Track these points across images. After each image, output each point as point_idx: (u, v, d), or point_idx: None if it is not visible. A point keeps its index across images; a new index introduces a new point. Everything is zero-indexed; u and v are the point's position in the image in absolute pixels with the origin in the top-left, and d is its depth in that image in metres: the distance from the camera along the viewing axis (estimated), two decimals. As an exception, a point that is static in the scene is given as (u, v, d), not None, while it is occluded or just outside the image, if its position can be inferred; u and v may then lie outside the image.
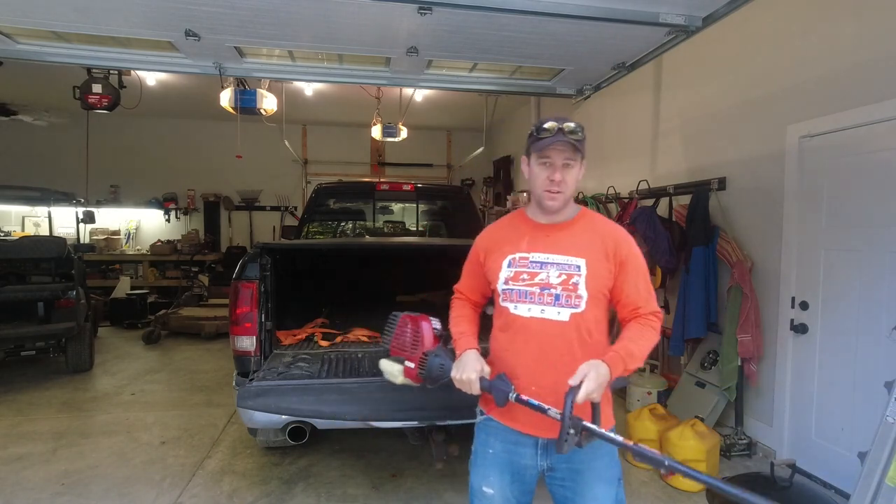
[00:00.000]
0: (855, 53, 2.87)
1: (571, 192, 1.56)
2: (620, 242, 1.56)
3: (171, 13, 2.90)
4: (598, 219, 1.65)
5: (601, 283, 1.53)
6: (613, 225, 1.64)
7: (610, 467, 1.60)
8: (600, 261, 1.53)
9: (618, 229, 1.61)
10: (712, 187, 3.83)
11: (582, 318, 1.52)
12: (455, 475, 3.14)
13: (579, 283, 1.51)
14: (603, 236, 1.56)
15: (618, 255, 1.54)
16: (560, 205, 1.55)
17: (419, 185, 5.67)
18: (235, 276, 2.64)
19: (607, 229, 1.59)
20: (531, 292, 1.54)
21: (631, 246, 1.58)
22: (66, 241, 5.48)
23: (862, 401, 2.85)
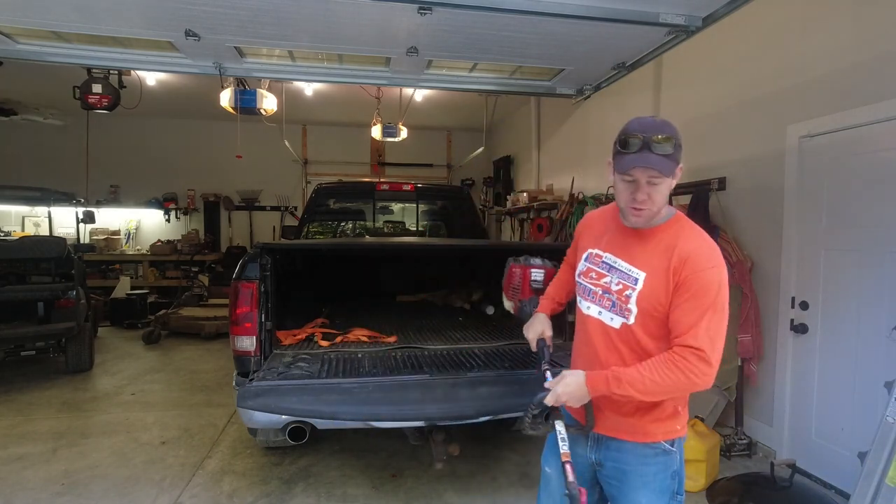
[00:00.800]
0: (855, 53, 2.87)
1: (660, 205, 1.41)
2: (690, 262, 1.37)
3: (171, 13, 2.90)
4: (689, 232, 1.45)
5: (656, 300, 1.41)
6: (704, 243, 1.42)
7: (660, 477, 1.52)
8: (660, 277, 1.41)
9: (699, 246, 1.40)
10: (712, 187, 3.83)
11: (631, 330, 1.47)
12: (455, 475, 3.14)
13: (631, 297, 1.45)
14: (678, 253, 1.39)
15: (679, 273, 1.38)
16: (644, 221, 1.44)
17: (419, 185, 5.68)
18: (235, 276, 2.64)
19: (690, 246, 1.40)
20: (594, 291, 1.55)
21: (700, 270, 1.36)
22: (66, 241, 5.47)
23: (862, 401, 2.85)
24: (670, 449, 1.52)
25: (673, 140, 1.35)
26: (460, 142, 10.08)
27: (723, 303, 1.37)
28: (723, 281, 1.38)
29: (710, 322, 1.34)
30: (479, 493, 2.96)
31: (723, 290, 1.37)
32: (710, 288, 1.35)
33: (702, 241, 1.43)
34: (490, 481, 3.09)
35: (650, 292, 1.42)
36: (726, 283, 1.39)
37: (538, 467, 1.79)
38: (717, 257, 1.40)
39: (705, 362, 1.32)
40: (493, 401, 2.42)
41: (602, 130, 5.72)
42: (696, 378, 1.33)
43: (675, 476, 1.54)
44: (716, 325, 1.35)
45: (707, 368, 1.32)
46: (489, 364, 2.72)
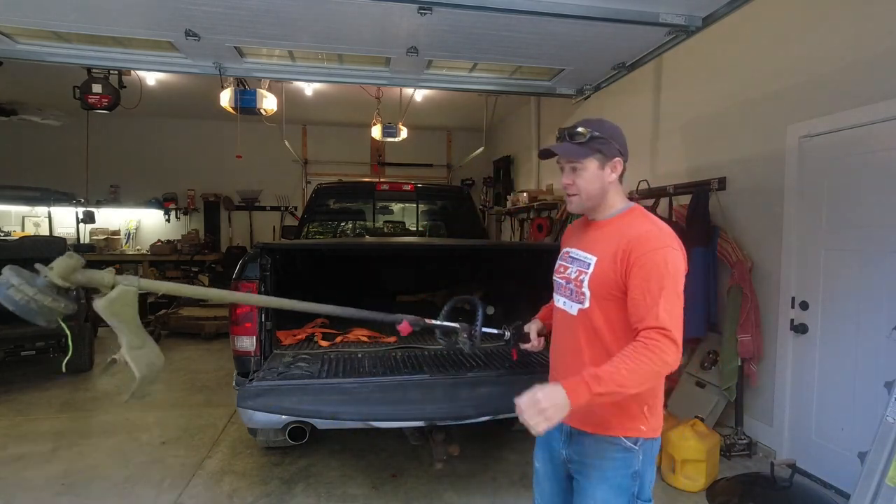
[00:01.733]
0: (855, 53, 2.87)
1: (588, 192, 1.53)
2: (637, 244, 1.42)
3: (171, 13, 2.90)
4: (639, 220, 1.51)
5: (606, 282, 1.46)
6: (651, 228, 1.46)
7: (619, 474, 1.51)
8: (609, 259, 1.46)
9: (649, 232, 1.44)
10: (712, 187, 3.83)
11: (587, 315, 1.51)
12: (455, 475, 3.14)
13: (584, 281, 1.51)
14: (626, 237, 1.45)
15: (629, 256, 1.42)
16: (576, 207, 1.58)
17: (419, 185, 5.68)
18: (235, 277, 2.64)
19: (636, 231, 1.45)
20: (560, 284, 1.64)
21: (649, 251, 1.40)
22: (66, 241, 5.48)
23: (862, 401, 2.85)
24: (631, 447, 1.51)
25: (587, 131, 1.49)
26: (460, 142, 10.08)
27: (675, 283, 1.38)
28: (673, 260, 1.40)
29: (667, 302, 1.36)
30: (479, 493, 2.97)
31: (674, 269, 1.39)
32: (660, 267, 1.38)
33: (651, 225, 1.48)
34: (490, 481, 3.09)
35: (600, 273, 1.49)
36: (678, 264, 1.41)
37: (538, 467, 1.82)
38: (667, 239, 1.43)
39: (671, 340, 1.33)
40: (493, 401, 2.42)
41: (602, 130, 5.71)
42: (666, 356, 1.32)
43: (635, 477, 1.52)
44: (672, 305, 1.37)
45: (674, 346, 1.33)
46: (489, 364, 2.72)
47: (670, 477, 3.07)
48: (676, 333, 1.35)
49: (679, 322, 1.37)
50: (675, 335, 1.34)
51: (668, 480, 3.09)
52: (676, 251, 1.43)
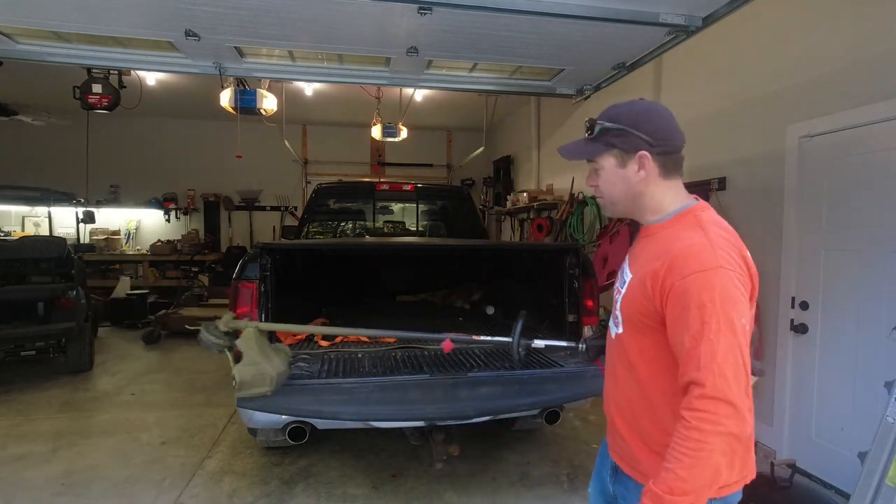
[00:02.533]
0: (855, 53, 2.87)
1: (612, 194, 1.29)
2: (674, 266, 1.10)
3: (171, 13, 2.90)
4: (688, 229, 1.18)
5: (637, 309, 1.20)
6: (699, 241, 1.13)
7: None
8: (642, 279, 1.18)
9: (692, 245, 1.12)
10: (712, 187, 3.83)
11: (621, 340, 1.28)
12: (455, 475, 3.14)
13: (618, 301, 1.28)
14: (666, 252, 1.14)
15: (665, 284, 1.11)
16: (606, 207, 1.36)
17: (419, 185, 5.68)
18: (235, 277, 2.64)
19: (679, 245, 1.14)
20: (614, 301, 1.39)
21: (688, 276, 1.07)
22: (66, 241, 5.48)
23: (862, 401, 2.85)
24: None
25: (597, 124, 1.30)
26: (460, 142, 10.08)
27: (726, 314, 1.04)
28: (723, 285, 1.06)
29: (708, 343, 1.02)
30: (478, 493, 2.97)
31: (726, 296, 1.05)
32: (703, 296, 1.05)
33: (702, 238, 1.13)
34: (490, 481, 3.09)
35: (630, 295, 1.23)
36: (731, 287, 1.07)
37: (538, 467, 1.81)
38: (717, 257, 1.09)
39: (713, 398, 1.00)
40: (493, 401, 2.42)
41: (602, 130, 5.71)
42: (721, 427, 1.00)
43: None
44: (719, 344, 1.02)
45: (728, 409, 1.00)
46: (489, 364, 2.72)
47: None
48: (731, 390, 1.01)
49: (735, 370, 1.02)
50: (728, 393, 1.00)
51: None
52: (728, 272, 1.07)
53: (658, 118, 1.26)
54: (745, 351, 1.05)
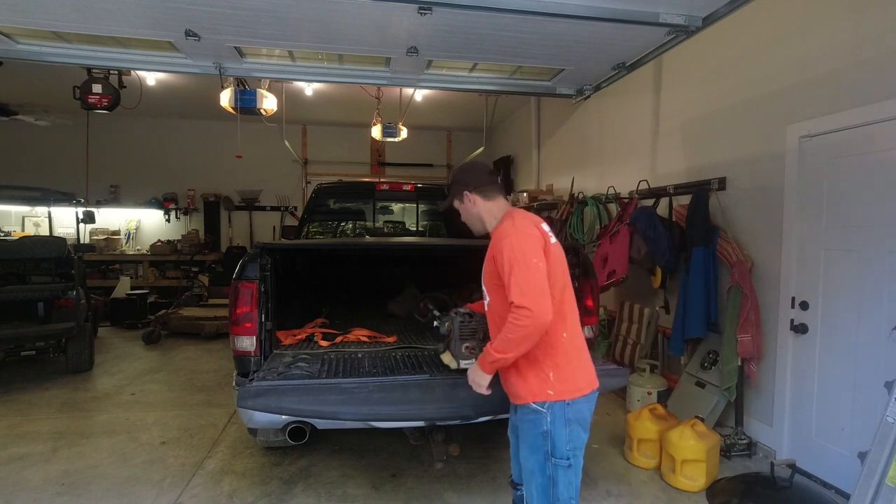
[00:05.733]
0: (855, 53, 2.87)
1: (472, 221, 2.07)
2: (495, 241, 1.87)
3: (171, 13, 2.90)
4: (502, 223, 1.94)
5: (491, 276, 1.90)
6: (506, 224, 1.89)
7: (531, 434, 1.83)
8: (489, 259, 1.90)
9: (503, 229, 1.87)
10: (712, 187, 3.84)
11: (490, 305, 1.96)
12: (455, 475, 3.14)
13: (482, 280, 1.98)
14: (493, 237, 1.92)
15: (492, 252, 1.86)
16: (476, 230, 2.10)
17: (419, 185, 5.67)
18: (235, 276, 2.64)
19: (497, 231, 1.92)
20: None
21: (497, 242, 1.83)
22: (67, 242, 5.48)
23: (862, 401, 2.85)
24: (539, 409, 1.81)
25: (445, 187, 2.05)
26: (460, 142, 10.08)
27: (521, 258, 1.74)
28: (513, 244, 1.77)
29: (514, 277, 1.72)
30: (479, 493, 2.97)
31: (515, 249, 1.75)
32: (504, 252, 1.77)
33: (508, 222, 1.89)
34: (490, 481, 3.09)
35: (486, 271, 1.94)
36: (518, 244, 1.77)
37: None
38: (510, 230, 1.83)
39: (519, 307, 1.68)
40: (493, 401, 2.41)
41: (602, 130, 5.72)
42: (520, 322, 1.68)
43: (545, 436, 1.80)
44: (518, 276, 1.72)
45: (524, 311, 1.67)
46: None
47: (670, 477, 3.07)
48: (524, 299, 1.68)
49: (527, 289, 1.69)
50: (522, 301, 1.68)
51: (668, 480, 3.09)
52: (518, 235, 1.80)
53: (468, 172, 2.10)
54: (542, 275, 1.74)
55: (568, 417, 1.79)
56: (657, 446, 3.23)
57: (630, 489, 3.05)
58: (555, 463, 1.79)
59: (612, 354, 4.89)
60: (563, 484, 1.80)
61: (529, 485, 1.86)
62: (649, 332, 4.50)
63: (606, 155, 5.61)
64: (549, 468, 1.80)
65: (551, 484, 1.80)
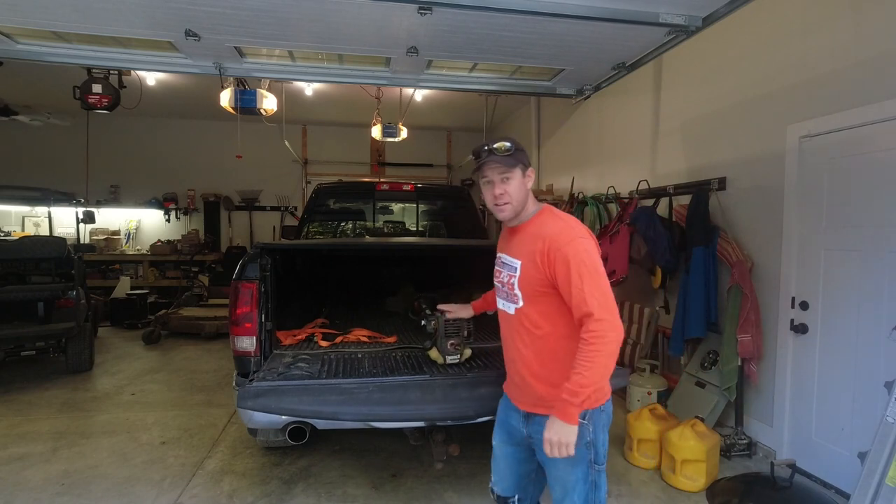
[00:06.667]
0: (855, 53, 2.87)
1: (520, 199, 1.75)
2: (553, 243, 1.63)
3: (171, 13, 2.91)
4: (550, 220, 1.74)
5: (533, 282, 1.69)
6: (561, 225, 1.69)
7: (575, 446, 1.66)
8: (533, 262, 1.68)
9: (560, 230, 1.67)
10: (712, 187, 3.84)
11: (524, 312, 1.75)
12: (455, 475, 3.14)
13: (514, 283, 1.74)
14: (542, 238, 1.67)
15: (550, 256, 1.63)
16: (510, 214, 1.76)
17: (419, 185, 5.67)
18: (235, 277, 2.64)
19: (549, 230, 1.68)
20: (498, 287, 1.87)
21: (564, 245, 1.61)
22: (67, 242, 5.47)
23: (862, 401, 2.85)
24: (582, 421, 1.67)
25: (511, 145, 1.71)
26: (460, 142, 10.08)
27: (593, 265, 1.60)
28: (586, 248, 1.62)
29: (588, 286, 1.57)
30: (479, 493, 2.96)
31: (589, 255, 1.61)
32: (579, 258, 1.59)
33: (562, 223, 1.70)
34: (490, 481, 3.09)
35: (526, 275, 1.70)
36: (592, 249, 1.64)
37: (538, 467, 1.86)
38: (576, 232, 1.66)
39: (600, 320, 1.54)
40: (493, 401, 2.41)
41: (602, 130, 5.72)
42: (605, 335, 1.54)
43: (589, 446, 1.72)
44: (594, 285, 1.58)
45: (604, 323, 1.54)
46: (489, 364, 2.72)
47: (670, 477, 3.07)
48: (603, 310, 1.55)
49: (603, 299, 1.57)
50: (601, 313, 1.55)
51: (668, 480, 3.09)
52: (586, 239, 1.65)
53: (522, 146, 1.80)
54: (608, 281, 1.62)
55: (604, 423, 1.76)
56: (657, 446, 3.23)
57: (630, 489, 3.05)
58: (598, 469, 1.76)
59: (612, 354, 4.88)
60: (602, 486, 1.79)
61: (571, 495, 1.76)
62: (649, 332, 4.50)
63: (606, 155, 5.61)
64: (593, 475, 1.75)
65: (593, 488, 1.77)
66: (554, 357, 1.72)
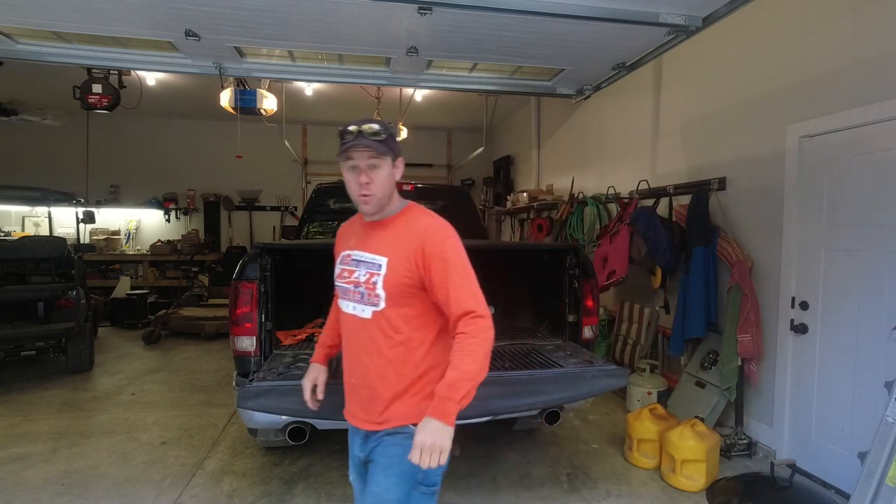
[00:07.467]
0: (855, 53, 2.87)
1: (384, 191, 1.54)
2: (427, 239, 1.49)
3: (171, 13, 2.90)
4: (418, 215, 1.58)
5: (401, 281, 1.50)
6: (430, 221, 1.55)
7: (401, 461, 1.47)
8: (402, 260, 1.50)
9: (430, 225, 1.53)
10: (712, 187, 3.84)
11: (383, 315, 1.53)
12: (455, 475, 3.14)
13: (377, 283, 1.52)
14: (414, 233, 1.51)
15: (425, 254, 1.48)
16: (373, 208, 1.55)
17: (419, 185, 5.67)
18: (235, 277, 2.64)
19: (420, 225, 1.53)
20: (347, 290, 1.61)
21: (440, 242, 1.49)
22: (67, 242, 5.48)
23: (862, 401, 2.85)
24: None
25: (383, 130, 1.53)
26: (460, 142, 10.08)
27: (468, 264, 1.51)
28: (460, 246, 1.52)
29: (469, 284, 1.48)
30: (479, 493, 2.97)
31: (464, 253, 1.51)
32: (453, 255, 1.48)
33: (435, 220, 1.56)
34: (490, 481, 3.09)
35: (393, 273, 1.50)
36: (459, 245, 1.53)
37: (538, 467, 1.83)
38: (449, 230, 1.54)
39: (483, 317, 1.46)
40: (493, 401, 2.41)
41: (602, 130, 5.72)
42: (486, 331, 1.46)
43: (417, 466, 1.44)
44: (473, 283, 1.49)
45: (483, 321, 1.46)
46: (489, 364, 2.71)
47: (670, 477, 3.07)
48: (480, 308, 1.47)
49: (479, 296, 1.49)
50: (480, 311, 1.46)
51: (668, 480, 3.09)
52: (457, 237, 1.54)
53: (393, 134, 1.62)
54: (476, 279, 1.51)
55: None
56: (657, 446, 3.23)
57: (630, 489, 3.05)
58: (423, 491, 1.53)
59: (612, 354, 4.89)
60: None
61: None
62: (649, 332, 4.50)
63: (606, 155, 5.61)
64: (415, 499, 1.53)
65: None
66: (410, 364, 1.54)
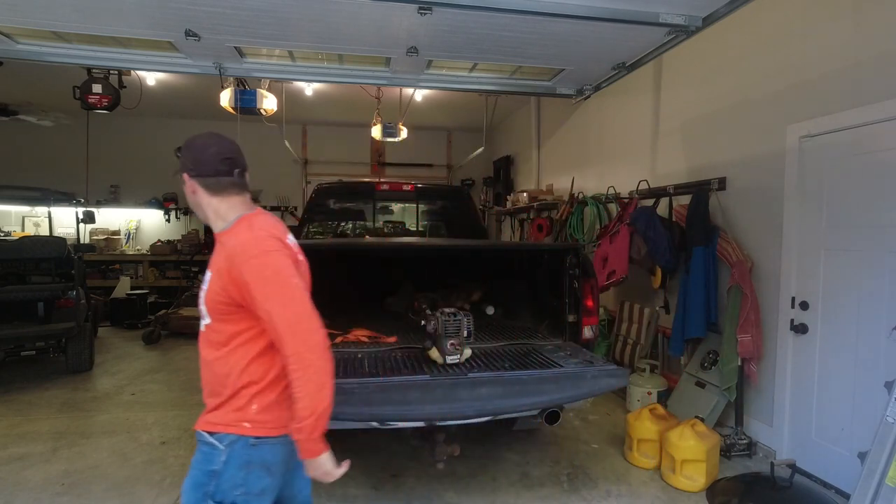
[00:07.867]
0: (855, 53, 2.87)
1: (195, 207, 1.57)
2: (233, 260, 1.41)
3: (171, 13, 2.91)
4: (241, 231, 1.49)
5: (215, 298, 1.46)
6: (238, 240, 1.45)
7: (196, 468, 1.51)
8: (216, 277, 1.46)
9: (237, 245, 1.43)
10: (712, 187, 3.84)
11: (210, 329, 1.51)
12: (456, 475, 3.14)
13: (202, 297, 1.52)
14: (225, 252, 1.45)
15: (232, 273, 1.40)
16: (203, 221, 1.60)
17: (419, 185, 5.67)
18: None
19: (230, 244, 1.45)
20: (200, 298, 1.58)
21: (240, 265, 1.39)
22: (67, 242, 5.48)
23: (862, 401, 2.85)
24: (213, 443, 1.47)
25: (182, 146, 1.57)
26: (460, 142, 10.08)
27: (280, 283, 1.40)
28: (273, 263, 1.41)
29: (279, 307, 1.37)
30: (479, 493, 2.97)
31: (276, 271, 1.40)
32: (260, 276, 1.38)
33: (251, 235, 1.46)
34: (490, 481, 3.09)
35: (210, 290, 1.48)
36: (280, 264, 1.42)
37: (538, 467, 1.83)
38: (263, 244, 1.43)
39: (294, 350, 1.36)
40: (493, 401, 2.42)
41: (602, 130, 5.72)
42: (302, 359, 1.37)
43: (211, 476, 1.45)
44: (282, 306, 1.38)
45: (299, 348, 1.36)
46: (489, 364, 2.72)
47: (670, 477, 3.07)
48: (298, 335, 1.37)
49: (301, 309, 1.40)
50: (295, 339, 1.37)
51: (668, 480, 3.09)
52: (274, 252, 1.43)
53: (196, 149, 1.59)
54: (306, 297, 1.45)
55: (245, 460, 1.51)
56: (657, 446, 3.23)
57: (630, 489, 3.05)
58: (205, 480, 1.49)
59: (612, 354, 4.89)
60: None
61: None
62: (649, 332, 4.50)
63: (606, 155, 5.61)
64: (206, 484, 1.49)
65: None
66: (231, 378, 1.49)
